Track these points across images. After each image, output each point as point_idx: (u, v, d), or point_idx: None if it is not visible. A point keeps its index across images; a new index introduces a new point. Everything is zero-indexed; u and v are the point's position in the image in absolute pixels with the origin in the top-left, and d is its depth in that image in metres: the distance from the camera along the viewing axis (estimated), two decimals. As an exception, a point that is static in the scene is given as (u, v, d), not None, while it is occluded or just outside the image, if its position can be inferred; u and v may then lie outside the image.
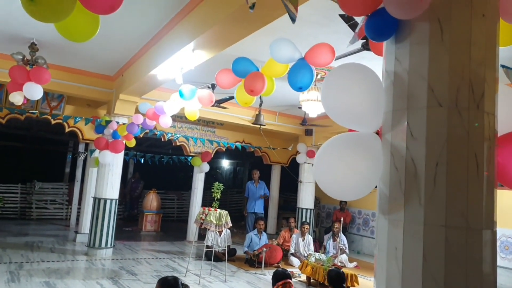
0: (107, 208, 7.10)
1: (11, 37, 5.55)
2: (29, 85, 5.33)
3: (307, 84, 2.70)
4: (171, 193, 13.78)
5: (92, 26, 2.27)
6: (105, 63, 6.61)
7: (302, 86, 2.67)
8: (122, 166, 7.46)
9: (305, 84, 2.69)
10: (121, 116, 7.16)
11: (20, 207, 11.12)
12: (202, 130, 9.96)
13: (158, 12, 4.42)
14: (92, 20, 2.26)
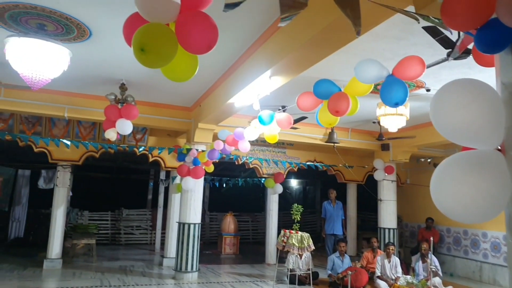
0: (191, 232, 7.41)
1: (104, 79, 6.17)
2: (121, 121, 5.86)
3: (403, 99, 2.66)
4: (245, 215, 14.00)
5: (192, 66, 2.47)
6: (184, 95, 7.06)
7: (398, 101, 2.64)
8: (202, 191, 7.80)
9: (401, 99, 2.65)
10: (200, 143, 7.54)
11: (111, 233, 12.01)
12: (273, 151, 10.10)
13: (235, 43, 4.66)
14: (193, 61, 2.46)
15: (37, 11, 3.99)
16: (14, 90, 6.49)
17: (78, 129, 8.28)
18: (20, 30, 4.39)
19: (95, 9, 3.96)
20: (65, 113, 7.10)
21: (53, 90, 6.74)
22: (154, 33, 2.23)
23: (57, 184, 8.32)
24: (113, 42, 4.75)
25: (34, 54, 4.11)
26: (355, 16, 1.51)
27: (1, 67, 5.66)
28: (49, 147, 8.08)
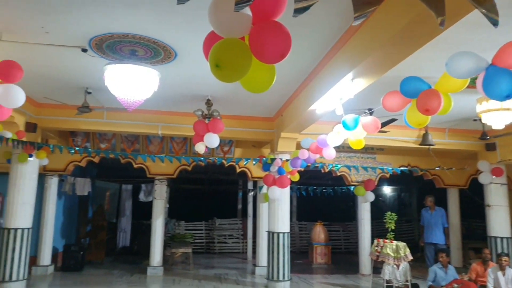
0: (281, 241, 7.40)
1: (192, 97, 6.51)
2: (208, 135, 6.12)
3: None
4: (335, 225, 13.61)
5: (269, 76, 2.46)
6: (266, 106, 7.14)
7: (510, 93, 2.29)
8: (289, 200, 7.76)
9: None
10: (284, 153, 7.53)
11: (206, 242, 12.57)
12: (361, 157, 9.68)
13: (313, 49, 4.57)
14: (270, 71, 2.45)
15: (128, 38, 4.36)
16: (115, 112, 7.19)
17: (171, 144, 8.87)
18: (116, 57, 4.83)
19: (178, 32, 4.20)
20: (159, 130, 7.65)
21: (148, 110, 7.30)
22: (227, 49, 2.27)
23: (155, 196, 8.96)
24: (197, 61, 4.99)
25: (128, 78, 4.49)
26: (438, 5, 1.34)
27: (103, 92, 6.31)
28: (146, 163, 8.77)
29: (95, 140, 8.58)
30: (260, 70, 2.47)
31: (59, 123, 7.47)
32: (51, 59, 5.08)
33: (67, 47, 4.59)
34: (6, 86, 3.80)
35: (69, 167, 8.61)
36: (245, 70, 2.40)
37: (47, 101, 6.79)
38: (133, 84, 4.50)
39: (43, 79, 5.78)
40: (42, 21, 3.99)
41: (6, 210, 6.99)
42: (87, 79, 5.83)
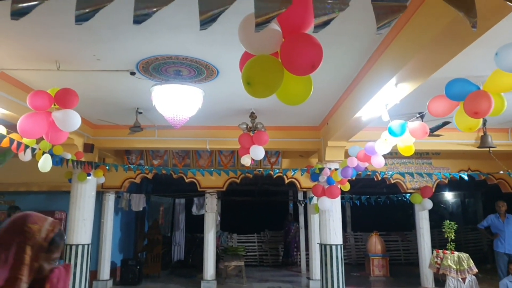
0: (334, 254, 7.20)
1: (236, 111, 6.62)
2: (254, 147, 6.16)
3: None
4: (393, 234, 13.03)
5: (306, 88, 2.45)
6: (311, 116, 7.07)
7: None
8: (341, 210, 7.56)
9: None
10: (332, 162, 7.38)
11: (258, 254, 12.57)
12: (416, 163, 9.24)
13: (354, 56, 4.47)
14: (305, 83, 2.44)
15: (172, 60, 4.54)
16: (165, 130, 7.47)
17: (219, 158, 9.05)
18: (162, 78, 5.04)
19: (219, 50, 4.30)
20: (207, 145, 7.84)
21: (195, 126, 7.52)
22: (256, 66, 2.32)
23: (206, 210, 9.15)
24: (238, 77, 5.03)
25: (174, 98, 4.67)
26: (469, 7, 1.26)
27: (152, 111, 6.60)
28: (197, 177, 9.00)
29: (148, 157, 8.96)
30: (296, 83, 2.46)
31: (114, 142, 7.91)
32: (103, 84, 5.41)
33: (117, 72, 4.87)
34: (64, 111, 4.09)
35: (125, 184, 9.05)
36: (276, 85, 2.41)
37: (102, 122, 7.23)
38: (178, 103, 4.67)
39: (98, 103, 6.16)
40: (93, 50, 4.28)
41: (68, 227, 7.47)
42: (137, 100, 6.13)
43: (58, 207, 9.18)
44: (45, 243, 1.39)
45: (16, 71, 4.92)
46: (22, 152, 5.06)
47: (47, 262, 1.40)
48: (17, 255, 1.33)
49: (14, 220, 1.43)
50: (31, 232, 1.38)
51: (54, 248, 1.43)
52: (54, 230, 1.45)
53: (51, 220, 1.47)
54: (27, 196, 9.23)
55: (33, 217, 1.43)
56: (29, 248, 1.35)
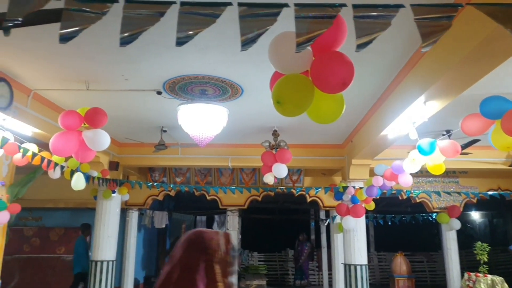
0: (358, 274, 7.02)
1: (259, 129, 6.63)
2: (276, 165, 6.13)
3: None
4: (418, 255, 12.64)
5: (338, 106, 2.44)
6: (334, 133, 7.01)
7: None
8: (365, 230, 7.40)
9: None
10: (356, 180, 7.26)
11: (280, 274, 12.37)
12: (442, 182, 9.01)
13: (381, 74, 4.44)
14: (337, 101, 2.43)
15: (198, 79, 4.61)
16: (188, 148, 7.55)
17: (241, 176, 9.04)
18: (187, 97, 5.12)
19: (244, 70, 4.35)
20: (229, 163, 7.86)
21: (218, 144, 7.55)
22: (286, 85, 2.32)
23: (228, 228, 9.10)
24: (262, 95, 5.10)
25: (199, 117, 4.72)
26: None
27: (177, 130, 6.68)
28: (219, 194, 9.00)
29: (171, 175, 9.04)
30: (327, 101, 2.45)
31: (139, 160, 8.02)
32: (130, 103, 5.53)
33: (144, 91, 4.97)
34: (94, 131, 4.17)
35: (148, 201, 9.13)
36: (306, 104, 2.40)
37: (128, 140, 7.35)
38: (204, 122, 4.72)
39: (124, 121, 6.29)
40: (122, 70, 4.39)
41: (94, 244, 7.55)
42: (162, 119, 6.22)
43: (83, 224, 9.31)
44: (227, 257, 1.35)
45: (48, 91, 5.08)
46: (52, 169, 5.17)
47: (231, 276, 1.35)
48: (209, 274, 1.29)
49: (190, 239, 1.37)
50: (213, 248, 1.33)
51: (233, 261, 1.37)
52: (229, 242, 1.39)
53: (222, 232, 1.42)
54: (54, 213, 9.41)
55: (207, 233, 1.38)
56: (217, 266, 1.31)
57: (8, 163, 6.27)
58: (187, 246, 1.35)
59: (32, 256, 9.10)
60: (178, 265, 1.30)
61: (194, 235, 1.38)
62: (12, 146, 4.43)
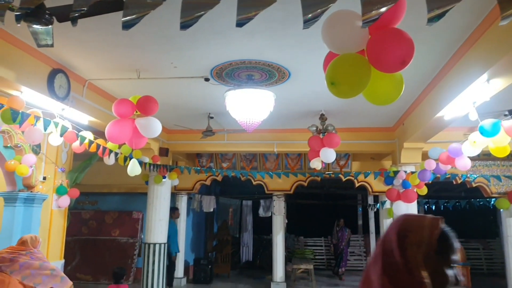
0: (410, 261, 6.82)
1: (305, 113, 6.53)
2: (324, 150, 6.03)
3: None
4: (473, 242, 12.07)
5: (396, 86, 2.32)
6: (384, 116, 6.77)
7: None
8: (417, 216, 7.14)
9: None
10: (407, 164, 7.00)
11: (326, 258, 12.32)
12: (502, 165, 8.45)
13: (437, 51, 4.19)
14: (395, 80, 2.31)
15: (245, 64, 4.58)
16: (234, 134, 7.61)
17: (286, 161, 9.01)
18: (234, 83, 5.12)
19: (292, 53, 4.26)
20: (275, 148, 7.84)
21: (264, 129, 7.54)
22: (341, 65, 2.23)
23: (274, 212, 9.14)
24: (310, 78, 5.00)
25: (246, 102, 4.71)
26: None
27: (223, 116, 6.74)
28: (265, 180, 9.03)
29: (218, 160, 9.18)
30: (385, 81, 2.34)
31: (187, 146, 8.21)
32: (179, 90, 5.63)
33: (192, 78, 5.03)
34: (147, 118, 4.29)
35: (196, 186, 9.35)
36: (362, 85, 2.30)
37: (176, 127, 7.52)
38: (251, 107, 4.70)
39: (173, 109, 6.42)
40: (171, 58, 4.46)
41: (146, 227, 7.88)
42: (209, 105, 6.29)
43: (135, 208, 9.75)
44: (432, 241, 1.19)
45: (101, 81, 5.28)
46: (107, 156, 5.41)
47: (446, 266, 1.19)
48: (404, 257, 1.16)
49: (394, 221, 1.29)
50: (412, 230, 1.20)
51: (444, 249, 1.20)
52: (436, 227, 1.21)
53: (431, 216, 1.27)
54: (107, 197, 9.91)
55: (411, 216, 1.28)
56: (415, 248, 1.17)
57: (67, 150, 6.64)
58: (389, 228, 1.26)
59: (90, 238, 9.66)
60: (379, 246, 1.25)
61: (399, 217, 1.29)
62: (71, 134, 4.66)
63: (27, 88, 4.14)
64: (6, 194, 5.78)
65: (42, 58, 4.33)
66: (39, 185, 6.02)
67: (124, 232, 9.59)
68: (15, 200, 5.77)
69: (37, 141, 4.41)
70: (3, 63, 3.76)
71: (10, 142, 5.50)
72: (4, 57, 3.78)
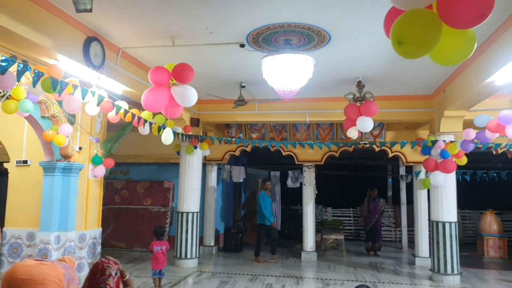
0: (447, 231, 6.68)
1: (341, 80, 6.30)
2: (361, 119, 5.83)
3: None
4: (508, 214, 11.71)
5: (468, 43, 2.12)
6: (423, 83, 6.46)
7: None
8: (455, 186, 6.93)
9: None
10: (447, 133, 6.72)
11: (354, 229, 12.28)
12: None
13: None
14: (467, 37, 2.10)
15: (284, 28, 4.38)
16: (264, 103, 7.46)
17: (317, 131, 8.82)
18: (270, 49, 4.92)
19: (333, 14, 4.03)
20: (307, 118, 7.68)
21: (296, 99, 7.24)
22: (409, 22, 2.04)
23: (305, 183, 9.06)
24: (350, 42, 4.76)
25: (285, 69, 4.53)
26: None
27: (255, 85, 6.59)
28: (295, 150, 8.91)
29: (247, 131, 9.09)
30: (456, 39, 2.14)
31: (217, 117, 8.14)
32: (212, 58, 5.48)
33: (227, 45, 4.87)
34: (183, 86, 4.20)
35: (225, 156, 9.33)
36: (432, 43, 2.10)
37: (207, 97, 7.42)
38: (290, 74, 4.53)
39: (205, 77, 6.29)
40: (207, 23, 4.30)
41: (178, 196, 7.97)
42: (242, 74, 6.14)
43: (166, 178, 9.86)
44: None
45: (134, 49, 5.18)
46: (142, 126, 5.38)
47: None
48: None
49: None
50: None
51: None
52: None
53: None
54: (139, 167, 10.05)
55: None
56: None
57: (100, 120, 6.68)
58: None
59: (122, 207, 9.88)
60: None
61: None
62: (107, 104, 4.63)
63: (64, 57, 4.09)
64: (46, 164, 5.90)
65: (77, 26, 4.25)
66: (75, 155, 6.11)
67: (156, 201, 9.76)
68: (53, 169, 5.89)
69: (76, 111, 4.41)
70: (41, 30, 3.70)
71: (47, 112, 5.55)
72: (41, 24, 3.71)
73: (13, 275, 1.28)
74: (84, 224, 6.24)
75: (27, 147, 6.40)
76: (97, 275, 1.88)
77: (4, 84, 3.56)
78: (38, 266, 1.32)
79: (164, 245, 5.77)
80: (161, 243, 5.76)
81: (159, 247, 5.71)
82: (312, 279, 6.97)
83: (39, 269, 1.31)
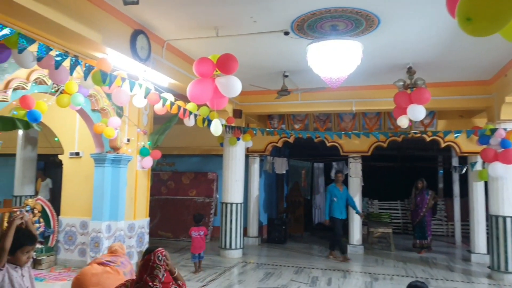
0: (508, 227, 6.23)
1: (390, 67, 6.00)
2: (412, 107, 5.54)
3: None
4: None
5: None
6: (481, 68, 6.02)
7: None
8: (517, 178, 6.43)
9: None
10: (508, 121, 6.23)
11: (402, 222, 11.84)
12: None
13: None
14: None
15: (330, 13, 4.20)
16: (308, 93, 7.27)
17: (364, 120, 8.52)
18: (316, 36, 4.75)
19: (384, -5, 3.80)
20: (353, 107, 7.41)
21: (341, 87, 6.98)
22: None
23: (351, 174, 8.81)
24: (400, 26, 4.49)
25: (331, 55, 4.36)
26: None
27: (298, 74, 6.44)
28: (340, 141, 8.67)
29: (290, 122, 8.96)
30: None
31: (260, 108, 8.07)
32: (256, 48, 5.40)
33: (270, 33, 4.75)
34: (227, 77, 4.15)
35: (268, 147, 9.26)
36: (506, 19, 1.88)
37: (249, 88, 7.35)
38: (337, 61, 4.35)
39: (248, 68, 6.22)
40: (251, 11, 4.21)
41: (222, 187, 8.03)
42: (286, 63, 6.01)
43: (210, 169, 9.98)
44: None
45: (178, 41, 5.20)
46: (187, 117, 5.42)
47: None
48: None
49: None
50: None
51: None
52: None
53: None
54: (183, 159, 10.24)
55: None
56: None
57: (147, 113, 6.82)
58: None
59: (169, 198, 10.13)
60: None
61: None
62: (154, 96, 4.68)
63: (111, 50, 4.16)
64: (96, 156, 6.11)
65: (124, 19, 4.31)
66: (124, 146, 6.28)
67: (201, 192, 9.91)
68: (104, 161, 6.09)
69: (124, 103, 4.49)
70: (90, 25, 3.77)
71: (97, 105, 5.73)
72: (91, 20, 3.79)
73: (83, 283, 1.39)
74: (133, 214, 6.42)
75: (79, 140, 6.68)
76: (148, 271, 1.92)
77: (59, 78, 3.68)
78: (104, 275, 1.43)
79: (202, 230, 6.29)
80: (199, 229, 6.27)
81: (197, 232, 6.26)
82: (359, 273, 6.78)
83: (107, 279, 1.41)
